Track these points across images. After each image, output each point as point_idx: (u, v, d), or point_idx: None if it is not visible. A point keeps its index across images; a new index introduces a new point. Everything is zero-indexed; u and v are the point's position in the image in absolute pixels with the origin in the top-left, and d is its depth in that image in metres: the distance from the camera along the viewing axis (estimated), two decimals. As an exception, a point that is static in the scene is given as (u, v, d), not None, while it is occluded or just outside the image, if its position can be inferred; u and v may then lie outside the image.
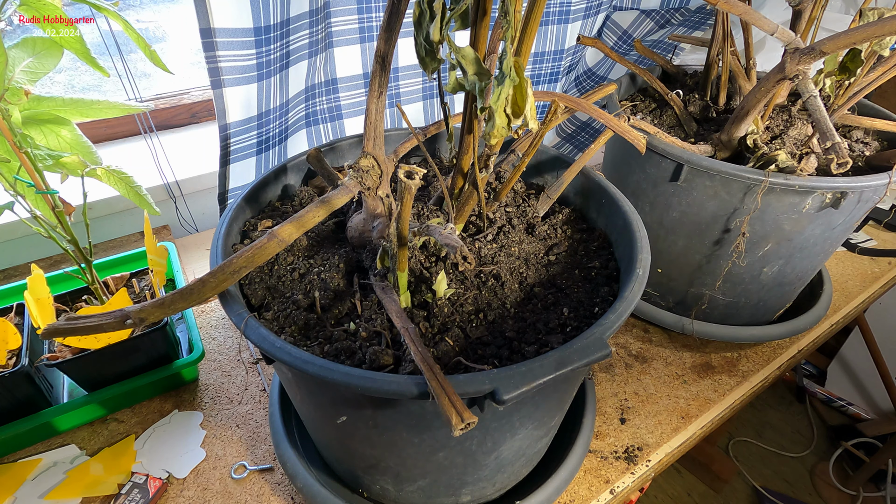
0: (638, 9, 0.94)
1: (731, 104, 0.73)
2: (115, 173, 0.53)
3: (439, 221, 0.43)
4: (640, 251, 0.43)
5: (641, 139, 0.46)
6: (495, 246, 0.47)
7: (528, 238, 0.50)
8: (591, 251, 0.50)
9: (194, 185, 0.90)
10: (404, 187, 0.33)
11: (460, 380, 0.32)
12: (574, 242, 0.51)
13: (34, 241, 0.82)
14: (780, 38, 0.53)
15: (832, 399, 1.61)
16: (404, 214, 0.35)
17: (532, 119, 0.33)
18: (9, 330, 0.53)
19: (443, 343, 0.38)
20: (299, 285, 0.44)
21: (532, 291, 0.45)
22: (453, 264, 0.44)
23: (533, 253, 0.49)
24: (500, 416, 0.38)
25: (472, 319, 0.41)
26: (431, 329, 0.40)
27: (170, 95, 1.02)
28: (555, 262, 0.48)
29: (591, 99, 0.56)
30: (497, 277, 0.45)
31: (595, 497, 0.54)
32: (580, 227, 0.53)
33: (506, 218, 0.51)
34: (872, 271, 0.89)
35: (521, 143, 0.54)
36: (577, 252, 0.50)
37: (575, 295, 0.44)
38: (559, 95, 0.51)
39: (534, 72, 0.94)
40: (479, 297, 0.43)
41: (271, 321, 0.41)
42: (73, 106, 0.52)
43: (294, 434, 0.54)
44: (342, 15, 0.71)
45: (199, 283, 0.36)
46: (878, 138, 0.69)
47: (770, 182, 0.54)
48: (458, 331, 0.40)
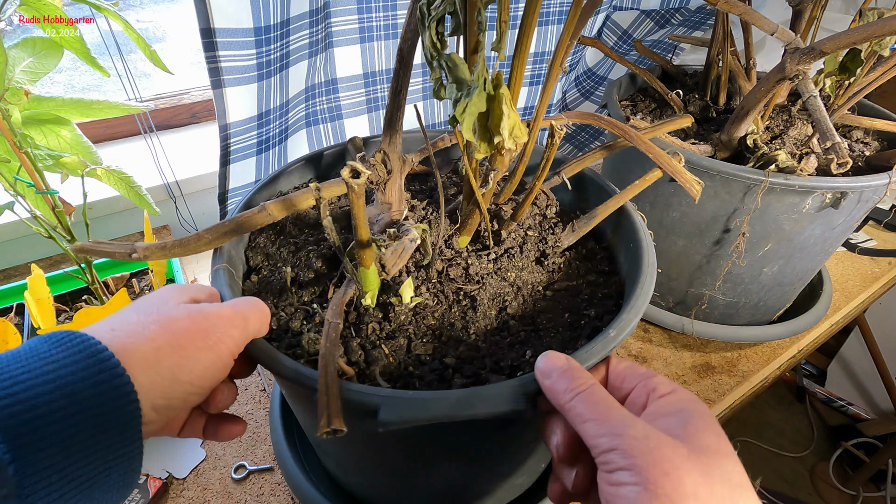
0: (638, 9, 0.94)
1: (731, 104, 0.73)
2: (115, 173, 0.53)
3: (424, 228, 0.42)
4: (627, 311, 0.37)
5: (696, 184, 0.41)
6: (491, 267, 0.44)
7: (533, 267, 0.46)
8: (595, 298, 0.43)
9: (194, 185, 0.90)
10: (348, 187, 0.32)
11: (352, 389, 0.31)
12: (583, 284, 0.44)
13: (34, 242, 0.82)
14: (780, 38, 0.53)
15: (832, 399, 1.61)
16: (355, 213, 0.34)
17: (509, 138, 0.30)
18: (9, 330, 0.53)
19: (377, 350, 0.37)
20: (291, 259, 0.45)
21: (507, 324, 0.40)
22: (438, 272, 0.43)
23: (532, 283, 0.44)
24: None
25: (426, 335, 0.39)
26: (378, 332, 0.39)
27: (170, 95, 1.02)
28: (550, 299, 0.43)
29: (664, 128, 0.54)
30: (472, 299, 0.41)
31: (595, 497, 0.54)
32: (601, 268, 0.46)
33: (520, 241, 0.47)
34: (872, 271, 0.89)
35: (570, 166, 0.50)
36: (581, 295, 0.43)
37: (549, 340, 0.38)
38: (606, 120, 0.47)
39: (533, 72, 0.94)
40: (448, 314, 0.40)
41: (255, 283, 0.44)
42: (74, 106, 0.52)
43: (294, 436, 0.54)
44: (342, 15, 0.71)
45: (196, 236, 0.39)
46: (878, 138, 0.69)
47: (770, 182, 0.54)
48: (402, 341, 0.38)
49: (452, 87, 0.30)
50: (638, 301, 0.37)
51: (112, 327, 0.28)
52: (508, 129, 0.30)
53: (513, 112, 0.31)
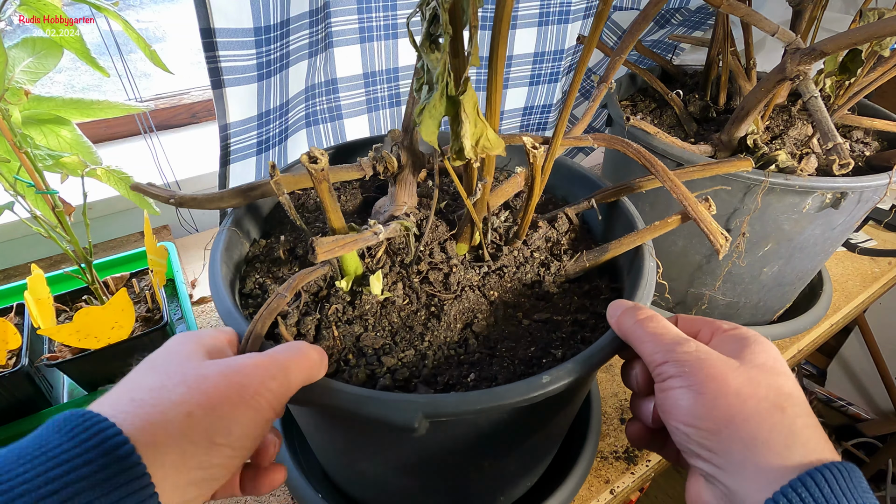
0: (638, 9, 0.94)
1: (732, 104, 0.73)
2: (115, 173, 0.53)
3: (408, 226, 0.42)
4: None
5: (721, 237, 0.36)
6: (477, 280, 0.42)
7: (522, 290, 0.43)
8: (573, 339, 0.38)
9: (194, 185, 0.90)
10: (308, 171, 0.33)
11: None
12: (568, 321, 0.40)
13: (34, 241, 0.82)
14: (780, 39, 0.53)
15: (832, 399, 1.61)
16: (321, 198, 0.35)
17: (471, 148, 0.29)
18: (9, 330, 0.53)
19: (328, 331, 0.38)
20: (292, 235, 0.48)
21: (467, 341, 0.39)
22: (418, 273, 0.43)
23: (513, 307, 0.41)
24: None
25: (382, 331, 0.39)
26: (339, 315, 0.39)
27: (170, 95, 1.02)
28: (525, 328, 0.40)
29: (721, 169, 0.47)
30: (439, 308, 0.40)
31: (595, 497, 0.54)
32: (597, 310, 0.41)
33: (520, 261, 0.45)
34: (872, 271, 0.89)
35: (605, 192, 0.47)
36: (559, 331, 0.39)
37: (497, 369, 0.36)
38: (634, 149, 0.44)
39: (534, 72, 0.94)
40: (412, 317, 0.40)
41: (262, 247, 0.47)
42: (74, 106, 0.52)
43: (294, 438, 0.54)
44: (342, 15, 0.71)
45: (219, 195, 0.44)
46: (878, 138, 0.69)
47: (770, 182, 0.54)
48: (357, 329, 0.38)
49: (425, 89, 0.30)
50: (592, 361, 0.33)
51: (132, 396, 0.25)
52: (471, 137, 0.29)
53: (479, 120, 0.29)
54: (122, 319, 0.53)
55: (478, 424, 0.34)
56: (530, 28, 0.87)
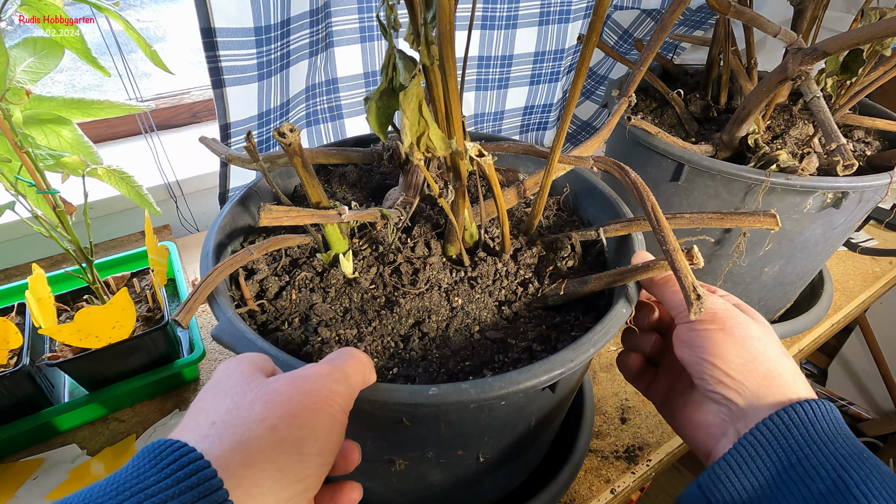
0: (639, 8, 0.94)
1: (733, 104, 0.73)
2: (116, 173, 0.53)
3: (386, 214, 0.44)
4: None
5: (693, 294, 0.33)
6: (447, 283, 0.42)
7: (490, 306, 0.41)
8: (514, 364, 0.36)
9: (195, 185, 0.90)
10: (283, 146, 0.34)
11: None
12: (522, 349, 0.37)
13: (35, 241, 0.82)
14: (783, 39, 0.53)
15: (833, 399, 1.60)
16: (298, 172, 0.37)
17: (415, 147, 0.29)
18: (10, 329, 0.53)
19: (286, 292, 0.41)
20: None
21: (410, 339, 0.39)
22: (391, 263, 0.43)
23: (473, 318, 0.40)
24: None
25: (336, 306, 0.40)
26: (305, 283, 0.42)
27: (170, 95, 1.02)
28: (474, 342, 0.38)
29: (741, 223, 0.40)
30: (388, 302, 0.40)
31: (595, 497, 0.54)
32: (559, 348, 0.38)
33: (501, 274, 0.43)
34: (873, 271, 0.89)
35: (614, 225, 0.45)
36: (506, 355, 0.37)
37: (424, 375, 0.36)
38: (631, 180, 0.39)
39: (534, 71, 0.94)
40: (370, 302, 0.41)
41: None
42: (74, 106, 0.52)
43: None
44: (342, 14, 0.71)
45: (269, 154, 0.47)
46: (879, 138, 0.69)
47: (771, 182, 0.54)
48: (315, 299, 0.41)
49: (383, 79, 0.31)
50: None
51: (212, 420, 0.25)
52: (410, 134, 0.29)
53: (422, 118, 0.29)
54: (123, 319, 0.53)
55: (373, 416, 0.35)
56: (531, 27, 0.87)
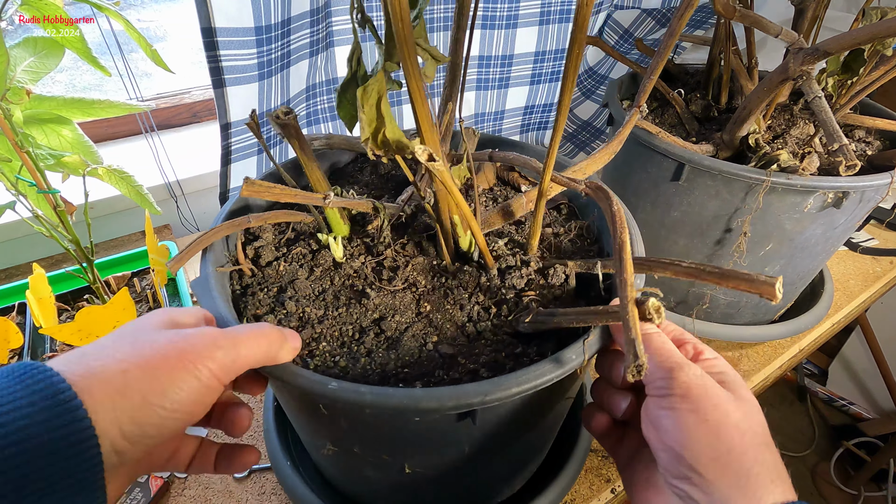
0: (639, 8, 0.94)
1: (733, 103, 0.73)
2: (117, 173, 0.53)
3: (377, 206, 0.44)
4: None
5: (633, 357, 0.28)
6: (424, 286, 0.41)
7: (456, 318, 0.39)
8: (453, 383, 0.34)
9: (195, 185, 0.90)
10: (278, 127, 0.36)
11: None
12: (465, 370, 0.36)
13: (36, 241, 0.82)
14: (784, 39, 0.53)
15: (833, 398, 1.60)
16: (297, 153, 0.38)
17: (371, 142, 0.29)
18: (10, 329, 0.53)
19: (277, 262, 0.44)
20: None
21: (366, 333, 0.39)
22: (376, 255, 0.44)
23: (434, 327, 0.39)
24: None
25: (314, 284, 0.42)
26: (298, 259, 0.44)
27: (171, 95, 1.02)
28: (424, 352, 0.37)
29: (738, 284, 0.31)
30: (360, 293, 0.41)
31: (596, 496, 0.54)
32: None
33: (481, 289, 0.41)
34: (874, 271, 0.89)
35: (610, 263, 0.40)
36: (448, 371, 0.36)
37: (360, 374, 0.36)
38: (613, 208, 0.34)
39: (535, 71, 0.94)
40: (346, 289, 0.42)
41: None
42: (75, 105, 0.52)
43: (287, 437, 0.54)
44: (343, 14, 0.71)
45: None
46: (880, 137, 0.69)
47: (772, 182, 0.54)
48: (300, 274, 0.43)
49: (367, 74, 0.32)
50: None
51: (84, 352, 0.27)
52: (368, 128, 0.29)
53: (380, 115, 0.29)
54: (123, 318, 0.53)
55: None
56: (531, 27, 0.87)
